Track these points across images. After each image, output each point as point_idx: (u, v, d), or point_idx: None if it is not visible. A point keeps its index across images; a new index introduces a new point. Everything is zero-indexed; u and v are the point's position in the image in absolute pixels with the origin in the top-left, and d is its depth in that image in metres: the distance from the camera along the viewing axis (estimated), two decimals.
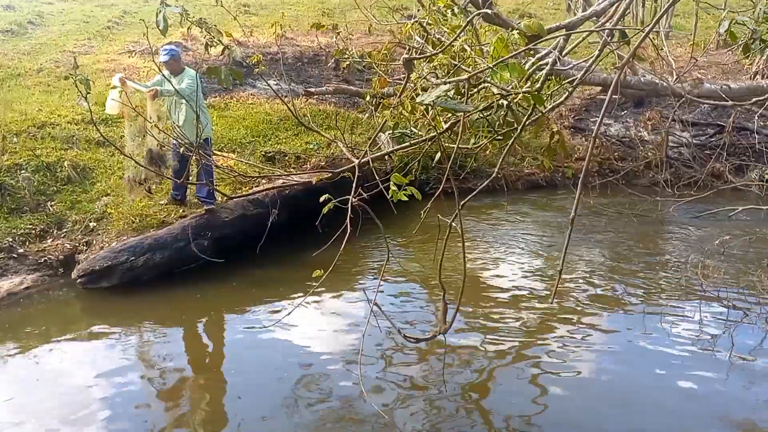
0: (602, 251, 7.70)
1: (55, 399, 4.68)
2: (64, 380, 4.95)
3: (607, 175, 10.13)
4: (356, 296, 6.36)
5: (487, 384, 4.84)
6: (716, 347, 5.33)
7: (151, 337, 5.69)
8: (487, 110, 3.63)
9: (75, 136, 8.84)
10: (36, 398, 4.70)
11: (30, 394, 4.76)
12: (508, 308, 6.12)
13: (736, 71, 12.28)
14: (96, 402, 4.64)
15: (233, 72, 2.91)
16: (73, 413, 4.50)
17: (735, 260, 7.11)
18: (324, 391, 4.74)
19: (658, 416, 4.40)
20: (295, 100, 10.94)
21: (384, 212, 6.29)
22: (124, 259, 6.62)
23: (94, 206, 7.58)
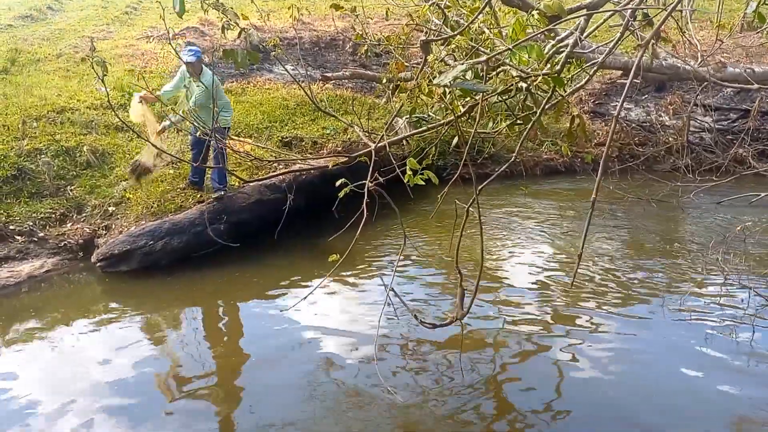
0: (622, 237, 7.62)
1: (74, 377, 4.74)
2: (83, 359, 5.01)
3: (627, 160, 10.01)
4: (373, 282, 6.36)
5: (505, 372, 4.81)
6: (737, 335, 5.26)
7: (168, 319, 5.74)
8: (505, 93, 3.57)
9: (94, 121, 8.89)
10: (56, 377, 4.76)
11: (50, 372, 4.83)
12: (527, 294, 6.08)
13: (760, 55, 12.03)
14: (113, 380, 4.70)
15: (250, 54, 2.89)
16: (90, 390, 4.57)
17: (757, 247, 7.00)
18: (339, 375, 4.74)
19: (678, 405, 4.36)
20: (311, 85, 10.91)
21: (401, 198, 6.29)
22: (142, 244, 6.67)
23: (112, 191, 7.65)
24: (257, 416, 4.32)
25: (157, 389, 4.63)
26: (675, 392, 4.49)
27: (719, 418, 4.26)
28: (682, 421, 4.21)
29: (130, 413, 4.35)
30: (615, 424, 4.20)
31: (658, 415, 4.27)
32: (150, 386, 4.66)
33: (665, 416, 4.26)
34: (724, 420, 4.24)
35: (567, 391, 4.54)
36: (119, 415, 4.33)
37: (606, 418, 4.27)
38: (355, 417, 4.30)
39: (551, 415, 4.29)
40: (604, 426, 4.18)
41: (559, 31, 6.07)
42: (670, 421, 4.21)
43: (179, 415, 4.33)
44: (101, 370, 4.88)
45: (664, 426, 4.15)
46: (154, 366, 4.93)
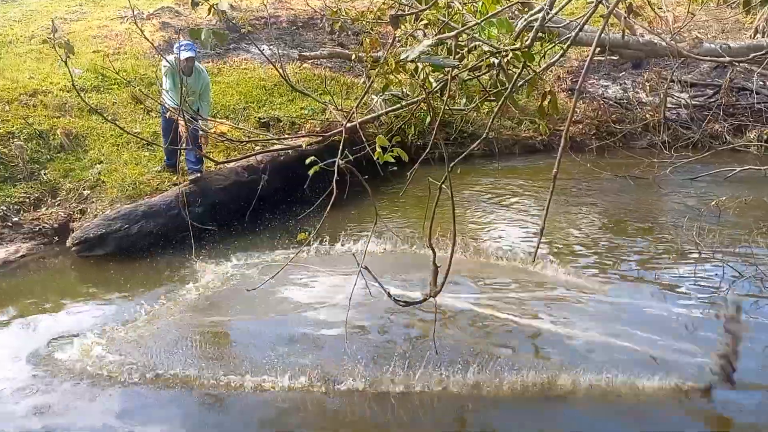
0: (598, 213, 7.68)
1: (50, 362, 4.72)
2: (55, 344, 4.99)
3: (605, 137, 10.04)
4: (345, 260, 6.34)
5: (478, 347, 4.85)
6: (711, 309, 5.34)
7: (145, 302, 5.70)
8: (477, 70, 3.55)
9: (67, 104, 8.75)
10: (31, 363, 4.73)
11: (25, 357, 4.79)
12: (501, 271, 6.12)
13: (736, 30, 12.10)
14: (91, 366, 4.68)
15: (216, 34, 2.84)
16: (67, 377, 4.55)
17: (731, 222, 7.09)
18: (310, 354, 4.76)
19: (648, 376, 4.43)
20: (289, 65, 10.81)
21: (377, 178, 6.27)
22: (118, 227, 6.61)
23: (87, 174, 7.56)
24: (234, 398, 4.33)
25: (131, 373, 4.61)
26: (647, 364, 4.56)
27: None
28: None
29: (106, 398, 4.34)
30: (588, 398, 4.26)
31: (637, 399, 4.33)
32: (126, 372, 4.64)
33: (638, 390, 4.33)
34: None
35: (539, 365, 4.59)
36: (95, 399, 4.32)
37: (578, 391, 4.33)
38: (324, 395, 4.32)
39: (523, 389, 4.35)
40: (578, 399, 4.24)
41: (534, 5, 6.05)
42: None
43: (157, 400, 4.33)
44: (72, 353, 4.85)
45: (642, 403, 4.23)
46: (130, 350, 4.91)
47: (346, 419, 4.19)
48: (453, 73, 3.20)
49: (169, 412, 4.26)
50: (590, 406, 4.21)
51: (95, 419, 4.18)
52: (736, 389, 4.17)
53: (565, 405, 4.23)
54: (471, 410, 4.26)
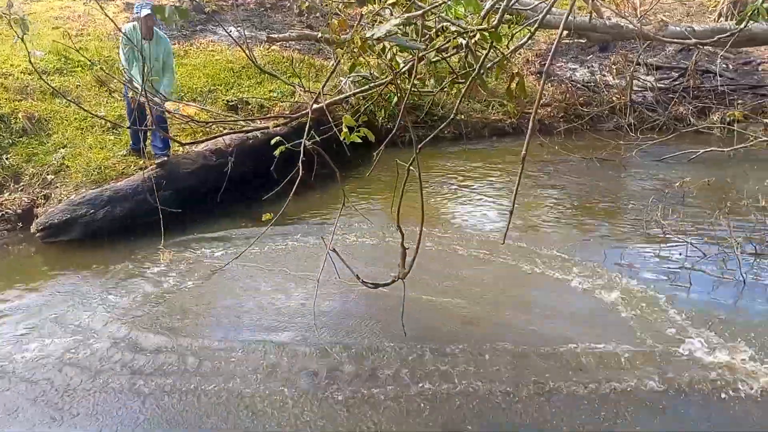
0: (566, 195, 7.78)
1: (13, 350, 4.64)
2: (24, 332, 4.90)
3: (572, 120, 10.15)
4: (313, 243, 6.33)
5: (447, 328, 4.90)
6: (675, 289, 5.46)
7: (112, 289, 5.62)
8: (445, 51, 3.55)
9: (29, 87, 8.52)
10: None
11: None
12: (470, 252, 6.16)
13: (700, 13, 12.27)
14: (57, 355, 4.61)
15: (178, 10, 2.79)
16: (34, 368, 4.48)
17: (695, 202, 7.24)
18: (277, 338, 4.76)
19: (616, 357, 4.52)
20: (257, 47, 10.67)
21: (346, 161, 6.25)
22: (83, 212, 6.50)
23: (51, 158, 7.38)
24: (194, 385, 4.31)
25: (99, 361, 4.55)
26: (618, 340, 4.65)
27: (661, 359, 4.45)
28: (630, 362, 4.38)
29: (71, 387, 4.28)
30: (559, 374, 4.34)
31: (602, 373, 4.42)
32: (93, 359, 4.58)
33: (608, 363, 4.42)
34: (665, 359, 4.44)
35: (507, 344, 4.65)
36: (60, 390, 4.26)
37: (551, 369, 4.40)
38: (292, 377, 4.32)
39: (493, 369, 4.40)
40: (545, 377, 4.31)
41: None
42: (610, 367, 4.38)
43: (119, 388, 4.28)
44: (42, 341, 4.78)
45: (608, 380, 4.32)
46: (98, 337, 4.84)
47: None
48: (420, 54, 3.19)
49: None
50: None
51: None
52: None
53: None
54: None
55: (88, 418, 3.99)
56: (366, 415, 3.91)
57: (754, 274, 5.68)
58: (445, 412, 3.96)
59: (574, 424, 3.85)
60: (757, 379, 4.21)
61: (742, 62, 11.56)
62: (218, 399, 4.10)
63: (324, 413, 3.96)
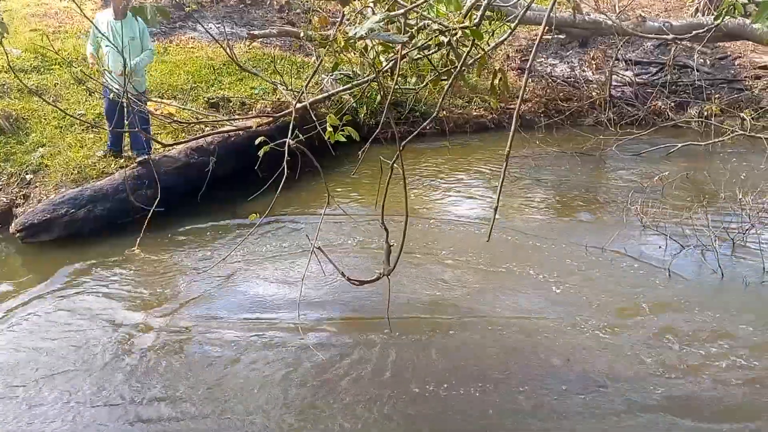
0: (546, 190, 7.84)
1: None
2: (4, 333, 4.86)
3: (553, 115, 10.23)
4: (298, 241, 6.33)
5: (432, 324, 4.94)
6: (654, 279, 5.55)
7: (94, 289, 5.58)
8: (427, 48, 3.57)
9: (6, 85, 8.40)
10: None
11: None
12: (454, 248, 6.20)
13: (677, 9, 12.42)
14: (36, 353, 4.58)
15: (160, 9, 2.78)
16: (12, 365, 4.45)
17: (674, 195, 7.34)
18: (263, 336, 4.76)
19: (594, 350, 4.59)
20: (238, 44, 10.62)
21: (330, 159, 6.25)
22: (63, 212, 6.43)
23: (29, 158, 7.28)
24: (183, 381, 4.31)
25: (82, 362, 4.53)
26: (596, 338, 4.72)
27: (643, 347, 4.53)
28: (611, 359, 4.45)
29: (56, 389, 4.26)
30: (540, 367, 4.39)
31: (587, 359, 4.49)
32: (74, 358, 4.56)
33: (595, 359, 4.49)
34: (645, 347, 4.54)
35: (492, 341, 4.71)
36: (44, 392, 4.24)
37: (530, 362, 4.45)
38: (277, 376, 4.33)
39: (478, 365, 4.45)
40: (529, 371, 4.36)
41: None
42: (596, 359, 4.45)
43: (105, 392, 4.26)
44: (23, 342, 4.74)
45: (589, 372, 4.38)
46: (79, 338, 4.81)
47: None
48: (402, 52, 3.21)
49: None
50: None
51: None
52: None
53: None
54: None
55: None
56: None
57: (731, 266, 5.79)
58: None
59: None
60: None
61: (718, 57, 11.73)
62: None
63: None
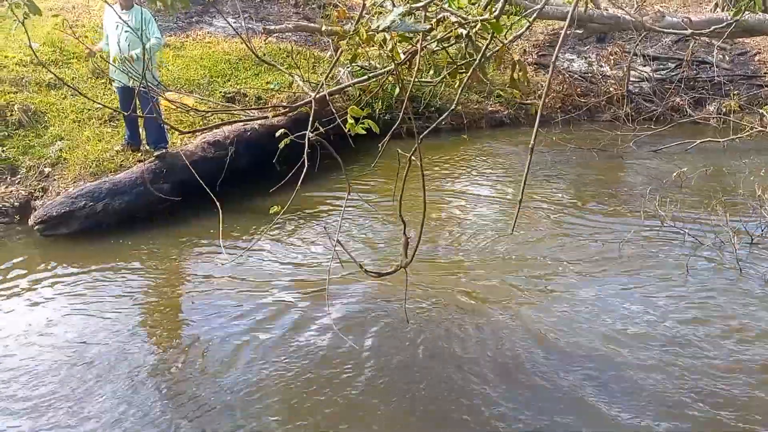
0: (564, 185, 7.80)
1: (11, 344, 4.65)
2: (21, 325, 4.91)
3: (570, 111, 10.17)
4: (318, 234, 6.35)
5: (448, 316, 4.93)
6: (672, 276, 5.50)
7: (112, 282, 5.62)
8: (445, 41, 3.55)
9: (24, 79, 8.48)
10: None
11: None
12: (471, 241, 6.20)
13: (696, 4, 12.28)
14: (52, 346, 4.63)
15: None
16: (29, 357, 4.50)
17: (692, 192, 7.27)
18: (290, 328, 4.78)
19: (614, 344, 4.56)
20: (254, 39, 10.64)
21: (347, 153, 6.25)
22: (82, 205, 6.48)
23: (48, 151, 7.36)
24: (207, 377, 4.33)
25: (99, 356, 4.56)
26: (614, 333, 4.68)
27: (656, 343, 4.50)
28: (624, 349, 4.42)
29: (70, 381, 4.29)
30: (556, 367, 4.37)
31: (591, 353, 4.46)
32: (92, 352, 4.59)
33: (613, 349, 4.46)
34: (661, 344, 4.51)
35: (508, 332, 4.69)
36: (59, 384, 4.27)
37: (547, 361, 4.43)
38: (308, 368, 4.35)
39: (493, 357, 4.44)
40: (548, 371, 4.34)
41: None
42: (612, 359, 4.42)
43: (123, 384, 4.29)
44: (40, 336, 4.78)
45: (607, 365, 4.35)
46: (96, 331, 4.85)
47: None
48: (422, 44, 3.19)
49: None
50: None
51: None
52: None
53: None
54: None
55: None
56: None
57: (749, 262, 5.72)
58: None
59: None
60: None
61: (737, 53, 11.60)
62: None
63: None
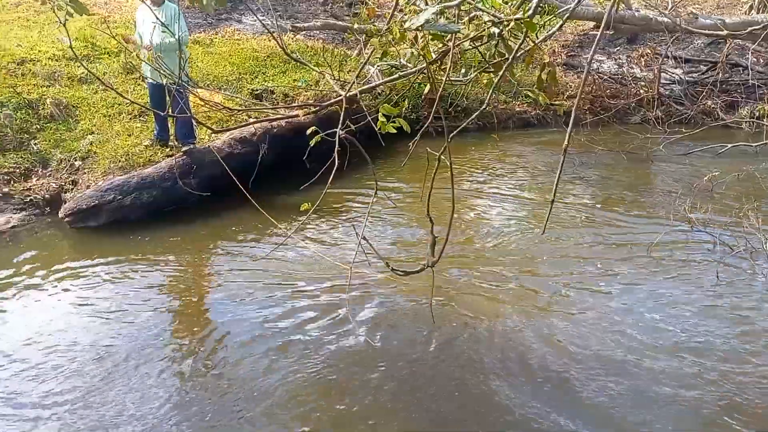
0: (592, 188, 7.71)
1: (40, 333, 4.72)
2: (50, 315, 4.98)
3: (599, 112, 10.04)
4: (345, 231, 6.36)
5: (475, 316, 4.90)
6: (702, 282, 5.41)
7: (138, 274, 5.68)
8: (478, 40, 3.52)
9: (57, 73, 8.61)
10: (20, 332, 4.73)
11: (13, 328, 4.79)
12: (498, 241, 6.16)
13: (730, 6, 12.06)
14: (79, 336, 4.69)
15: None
16: (55, 347, 4.56)
17: (723, 197, 7.14)
18: (313, 324, 4.79)
19: (644, 354, 4.49)
20: (282, 36, 10.68)
21: (374, 151, 6.25)
22: (111, 198, 6.56)
23: (78, 145, 7.46)
24: (230, 368, 4.35)
25: (123, 346, 4.61)
26: (644, 342, 4.62)
27: (685, 351, 4.42)
28: (652, 355, 4.35)
29: (94, 371, 4.34)
30: (586, 368, 4.32)
31: (633, 360, 4.40)
32: (118, 343, 4.64)
33: (637, 358, 4.40)
34: (690, 352, 4.43)
35: (534, 335, 4.64)
36: (84, 374, 4.32)
37: (573, 370, 4.38)
38: (331, 364, 4.35)
39: (518, 360, 4.40)
40: (579, 372, 4.29)
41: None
42: (639, 357, 4.35)
43: (146, 373, 4.33)
44: (67, 325, 4.85)
45: (634, 366, 4.30)
46: (120, 322, 4.90)
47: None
48: (454, 43, 3.17)
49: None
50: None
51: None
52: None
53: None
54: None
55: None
56: None
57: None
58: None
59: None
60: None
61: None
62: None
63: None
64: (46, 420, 3.90)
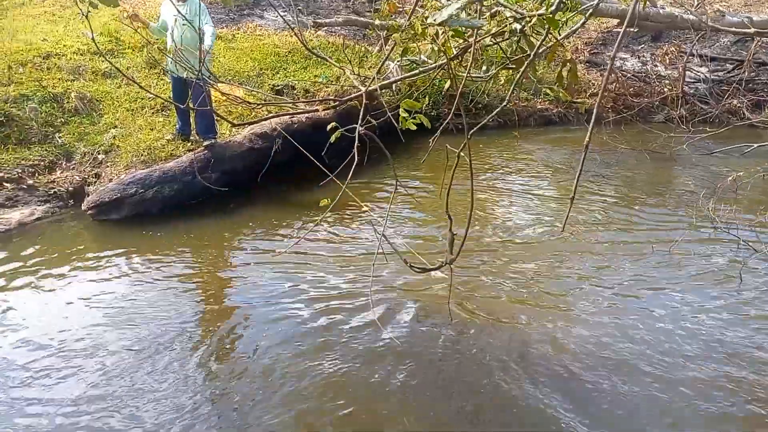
0: (614, 186, 7.64)
1: (62, 324, 4.78)
2: (73, 306, 5.04)
3: (622, 111, 9.94)
4: (364, 227, 6.37)
5: (492, 314, 4.88)
6: (725, 285, 5.33)
7: (159, 267, 5.73)
8: (499, 36, 3.49)
9: (81, 67, 8.71)
10: (44, 324, 4.79)
11: (38, 319, 4.86)
12: (517, 239, 6.12)
13: (759, 4, 11.86)
14: (102, 328, 4.74)
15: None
16: (79, 338, 4.62)
17: (747, 197, 7.03)
18: (333, 319, 4.80)
19: (663, 355, 4.44)
20: (303, 32, 10.70)
21: (393, 147, 6.24)
22: (133, 192, 6.63)
23: (102, 138, 7.55)
24: (251, 364, 4.37)
25: (145, 339, 4.65)
26: (665, 335, 4.57)
27: (708, 357, 4.36)
28: (674, 360, 4.30)
29: (117, 362, 4.39)
30: (603, 367, 4.28)
31: (649, 359, 4.36)
32: (138, 335, 4.69)
33: (656, 358, 4.35)
34: (714, 358, 4.37)
35: (554, 335, 4.61)
36: (106, 365, 4.37)
37: (596, 372, 4.34)
38: (354, 359, 4.36)
39: (539, 358, 4.37)
40: (597, 371, 4.26)
41: None
42: (659, 361, 4.30)
43: (166, 365, 4.37)
44: (90, 317, 4.91)
45: (657, 366, 4.25)
46: (143, 314, 4.95)
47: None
48: (475, 39, 3.15)
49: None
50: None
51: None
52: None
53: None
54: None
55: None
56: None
57: None
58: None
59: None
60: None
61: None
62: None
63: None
64: (67, 413, 3.95)
